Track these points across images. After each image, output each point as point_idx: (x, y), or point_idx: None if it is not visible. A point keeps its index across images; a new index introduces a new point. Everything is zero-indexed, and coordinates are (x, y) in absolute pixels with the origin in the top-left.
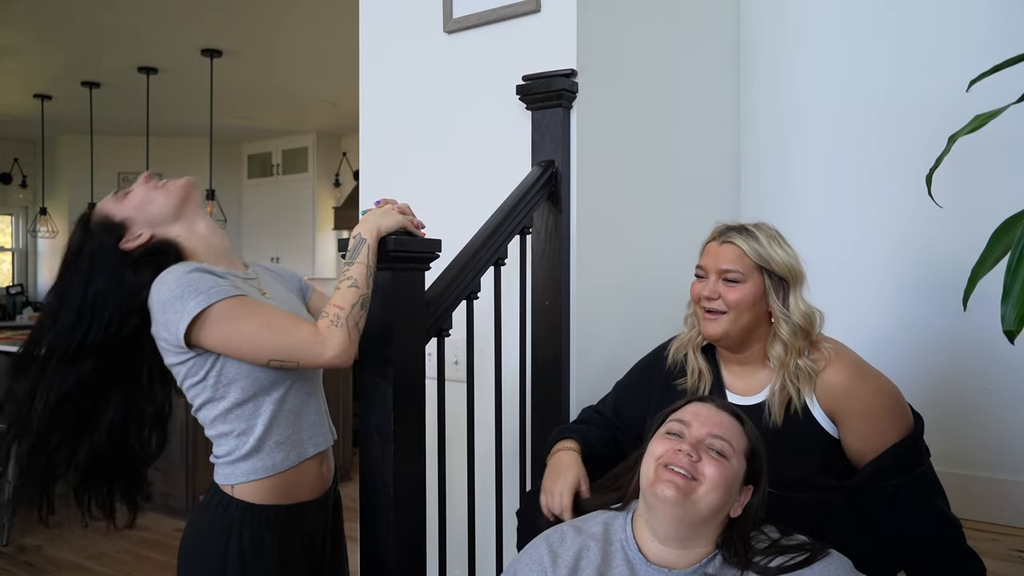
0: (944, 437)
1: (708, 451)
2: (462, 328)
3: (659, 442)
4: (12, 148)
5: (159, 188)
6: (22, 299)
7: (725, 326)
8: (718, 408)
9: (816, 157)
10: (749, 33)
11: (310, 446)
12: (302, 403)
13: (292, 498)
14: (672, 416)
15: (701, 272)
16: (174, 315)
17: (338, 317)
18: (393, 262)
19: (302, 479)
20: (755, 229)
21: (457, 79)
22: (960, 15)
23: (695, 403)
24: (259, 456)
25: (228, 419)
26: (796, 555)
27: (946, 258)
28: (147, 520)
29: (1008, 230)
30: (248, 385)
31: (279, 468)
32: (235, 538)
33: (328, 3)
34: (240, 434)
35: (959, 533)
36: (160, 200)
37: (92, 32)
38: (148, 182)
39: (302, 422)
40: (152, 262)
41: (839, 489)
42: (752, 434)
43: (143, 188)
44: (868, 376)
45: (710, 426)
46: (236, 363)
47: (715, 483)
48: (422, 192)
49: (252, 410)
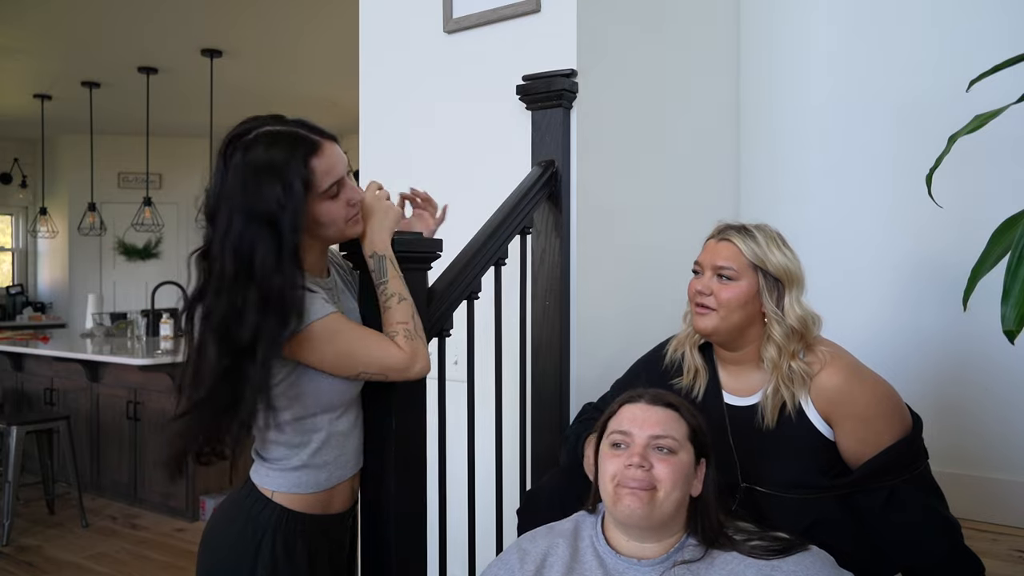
0: (944, 437)
1: (657, 452)
2: (462, 328)
3: (608, 460)
4: (12, 148)
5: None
6: (22, 299)
7: (715, 322)
8: (650, 404)
9: (816, 157)
10: (749, 33)
11: (351, 468)
12: (352, 426)
13: (325, 510)
14: (611, 426)
15: (697, 268)
16: None
17: (409, 332)
18: None
19: (337, 495)
20: (755, 230)
21: (457, 79)
22: (960, 15)
23: (628, 405)
24: (306, 471)
25: (285, 429)
26: (773, 544)
27: (946, 258)
28: (147, 520)
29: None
30: (313, 402)
31: (322, 487)
32: (268, 540)
33: (328, 3)
34: (294, 446)
35: (957, 535)
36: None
37: (92, 32)
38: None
39: (348, 445)
40: None
41: (834, 489)
42: (689, 415)
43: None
44: (864, 379)
45: (649, 427)
46: (309, 379)
47: (672, 483)
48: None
49: (310, 426)
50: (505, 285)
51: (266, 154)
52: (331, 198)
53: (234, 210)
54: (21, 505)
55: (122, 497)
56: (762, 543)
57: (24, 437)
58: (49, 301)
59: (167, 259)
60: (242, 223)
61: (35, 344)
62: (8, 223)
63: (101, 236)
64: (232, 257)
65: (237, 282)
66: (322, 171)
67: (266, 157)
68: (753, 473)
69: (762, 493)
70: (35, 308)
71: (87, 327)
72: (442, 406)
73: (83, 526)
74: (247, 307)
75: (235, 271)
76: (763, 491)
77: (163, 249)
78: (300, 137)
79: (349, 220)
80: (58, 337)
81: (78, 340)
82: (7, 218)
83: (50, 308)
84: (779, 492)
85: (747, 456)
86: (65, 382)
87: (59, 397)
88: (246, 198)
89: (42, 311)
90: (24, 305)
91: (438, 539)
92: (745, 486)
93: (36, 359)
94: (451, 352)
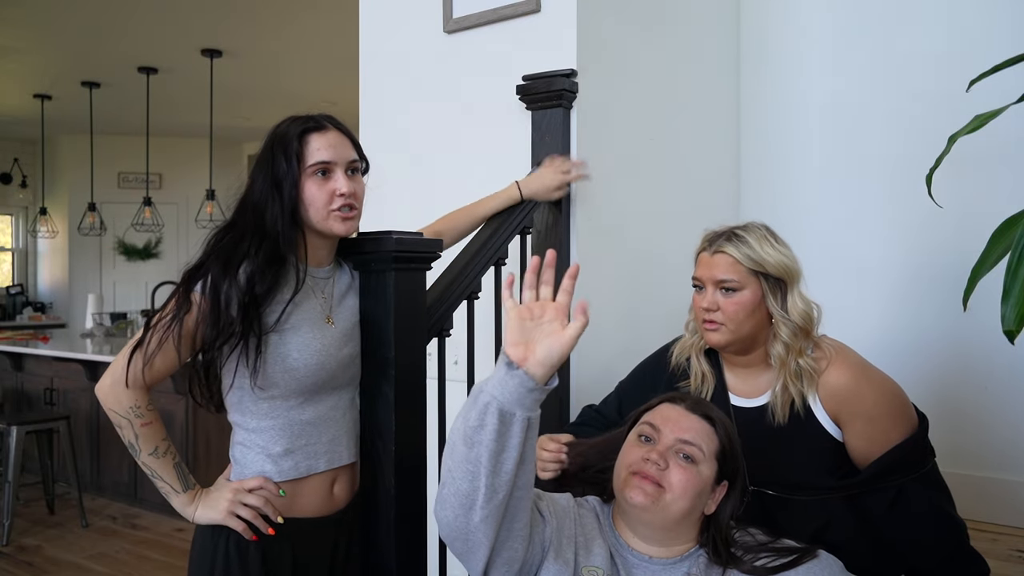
0: (944, 437)
1: (677, 456)
2: (462, 328)
3: (631, 449)
4: (12, 148)
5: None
6: (22, 299)
7: (727, 336)
8: (688, 410)
9: (816, 157)
10: (749, 33)
11: (323, 461)
12: (324, 416)
13: (290, 511)
14: (644, 418)
15: (698, 283)
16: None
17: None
18: (395, 262)
19: (306, 492)
20: (744, 232)
21: (457, 79)
22: (960, 15)
23: (666, 404)
24: (267, 458)
25: (244, 410)
26: (783, 556)
27: (946, 258)
28: (147, 520)
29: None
30: (269, 381)
31: (286, 476)
32: (223, 539)
33: (328, 3)
34: (250, 430)
35: (963, 535)
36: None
37: (92, 32)
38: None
39: (320, 435)
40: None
41: (842, 489)
42: (724, 435)
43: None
44: (872, 377)
45: (679, 431)
46: (272, 360)
47: (682, 491)
48: (422, 192)
49: (267, 409)
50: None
51: (284, 128)
52: (317, 179)
53: (257, 173)
54: (21, 505)
55: (122, 497)
56: (770, 557)
57: (24, 437)
58: (49, 301)
59: (167, 259)
60: (261, 184)
61: (35, 344)
62: (8, 223)
63: (101, 236)
64: (251, 211)
65: (254, 233)
66: (313, 147)
67: (284, 131)
68: (761, 475)
69: (771, 496)
70: (35, 308)
71: (87, 327)
72: (442, 406)
73: (83, 526)
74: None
75: (254, 223)
76: (772, 494)
77: (163, 249)
78: (310, 118)
79: (332, 212)
80: (58, 337)
81: (78, 340)
82: (7, 218)
83: (50, 308)
84: (787, 494)
85: (755, 458)
86: (65, 382)
87: (59, 397)
88: (264, 164)
89: (42, 311)
90: (24, 305)
91: (439, 539)
92: (753, 489)
93: (36, 359)
94: (451, 352)
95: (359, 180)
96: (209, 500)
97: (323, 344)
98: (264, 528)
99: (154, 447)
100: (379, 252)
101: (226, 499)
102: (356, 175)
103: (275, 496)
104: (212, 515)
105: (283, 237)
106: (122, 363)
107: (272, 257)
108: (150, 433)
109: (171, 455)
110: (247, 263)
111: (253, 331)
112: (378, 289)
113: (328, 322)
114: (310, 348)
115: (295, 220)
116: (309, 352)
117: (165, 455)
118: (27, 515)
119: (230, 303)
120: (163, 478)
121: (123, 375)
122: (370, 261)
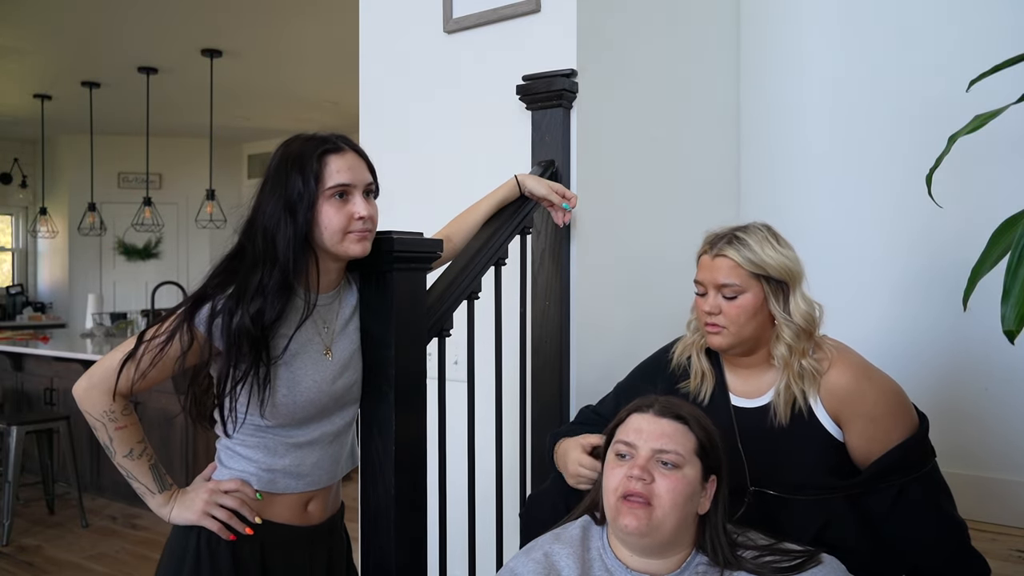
0: (944, 437)
1: (659, 466)
2: (462, 328)
3: (612, 471)
4: (12, 148)
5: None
6: (22, 299)
7: (730, 339)
8: (658, 415)
9: (816, 157)
10: (749, 33)
11: (303, 483)
12: (313, 440)
13: (263, 515)
14: (618, 435)
15: (700, 287)
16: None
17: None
18: (395, 262)
19: (278, 504)
20: (745, 235)
21: (457, 79)
22: (960, 15)
23: (635, 415)
24: (250, 462)
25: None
26: (787, 559)
27: (946, 258)
28: (147, 520)
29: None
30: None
31: (263, 487)
32: (194, 537)
33: (328, 3)
34: (239, 443)
35: (964, 535)
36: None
37: (92, 32)
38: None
39: (305, 458)
40: None
41: (843, 489)
42: (699, 429)
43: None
44: (873, 377)
45: (654, 440)
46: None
47: (671, 502)
48: (422, 192)
49: (253, 431)
50: (505, 285)
51: (299, 148)
52: (334, 202)
53: (267, 194)
54: (21, 505)
55: (122, 497)
56: (773, 559)
57: (24, 437)
58: (49, 301)
59: (167, 259)
60: (272, 207)
61: (35, 344)
62: (8, 223)
63: (101, 236)
64: (261, 235)
65: (265, 261)
66: (333, 169)
67: (298, 150)
68: (762, 476)
69: (772, 496)
70: (35, 308)
71: (87, 327)
72: (442, 406)
73: (83, 526)
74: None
75: (263, 249)
76: (773, 494)
77: (163, 249)
78: (327, 139)
79: (348, 235)
80: (58, 337)
81: (78, 340)
82: (7, 218)
83: (50, 308)
84: (789, 494)
85: (756, 459)
86: (65, 382)
87: (59, 397)
88: (276, 185)
89: (42, 311)
90: (24, 305)
91: (439, 540)
92: (754, 489)
93: (36, 359)
94: (451, 352)
95: (374, 203)
96: (185, 500)
97: (315, 380)
98: (241, 528)
99: (129, 449)
100: (379, 252)
101: (202, 499)
102: (371, 198)
103: (251, 499)
104: (188, 515)
105: (294, 263)
106: (103, 371)
107: (282, 286)
108: (125, 436)
109: (147, 456)
110: (257, 295)
111: (262, 361)
112: (378, 289)
113: (327, 354)
114: (301, 384)
115: (307, 244)
116: (299, 390)
117: (140, 457)
118: (27, 515)
119: (242, 340)
120: (139, 479)
121: (106, 383)
122: (370, 261)
